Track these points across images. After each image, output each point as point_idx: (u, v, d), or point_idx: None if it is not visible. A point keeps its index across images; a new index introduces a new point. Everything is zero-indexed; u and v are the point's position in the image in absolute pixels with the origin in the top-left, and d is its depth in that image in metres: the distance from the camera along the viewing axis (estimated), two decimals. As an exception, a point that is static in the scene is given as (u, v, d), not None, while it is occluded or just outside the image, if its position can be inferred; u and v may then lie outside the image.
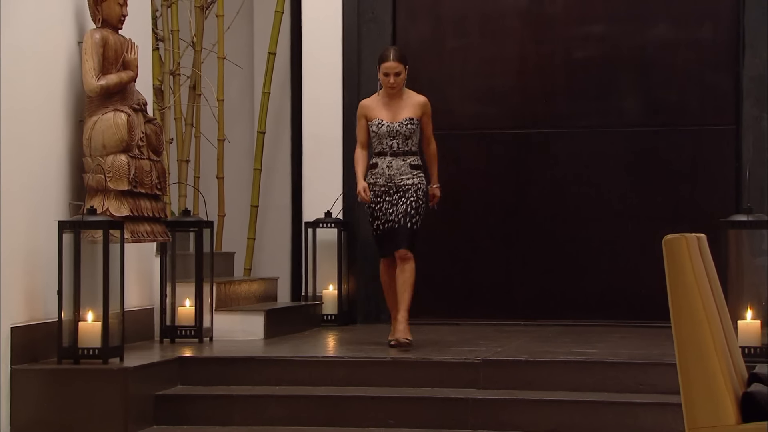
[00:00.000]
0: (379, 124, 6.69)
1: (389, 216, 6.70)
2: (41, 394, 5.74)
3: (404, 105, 6.74)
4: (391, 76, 6.69)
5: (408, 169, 6.71)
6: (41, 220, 6.00)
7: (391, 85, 6.68)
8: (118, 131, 6.25)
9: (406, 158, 6.72)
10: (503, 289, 8.66)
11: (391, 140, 6.68)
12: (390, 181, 6.70)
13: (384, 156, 6.73)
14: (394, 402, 5.97)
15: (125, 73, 6.40)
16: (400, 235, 6.66)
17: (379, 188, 6.72)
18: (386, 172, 6.71)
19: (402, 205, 6.67)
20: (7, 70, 5.73)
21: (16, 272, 5.81)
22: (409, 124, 6.68)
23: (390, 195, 6.69)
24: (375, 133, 6.73)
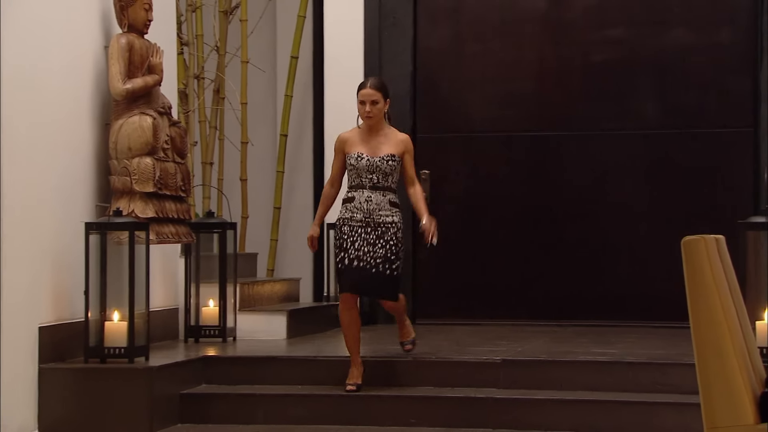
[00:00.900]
0: (359, 157, 6.02)
1: (362, 255, 5.95)
2: (68, 392, 5.77)
3: (385, 141, 6.08)
4: (367, 104, 6.02)
5: (387, 205, 6.03)
6: (68, 221, 6.04)
7: (367, 113, 6.01)
8: (143, 134, 6.28)
9: (386, 194, 6.04)
10: (523, 289, 8.65)
11: (371, 174, 6.01)
12: (368, 216, 5.99)
13: (362, 189, 6.03)
14: (415, 401, 5.97)
15: (150, 77, 6.43)
16: (380, 286, 6.01)
17: (355, 222, 6.00)
18: (364, 206, 6.00)
19: (380, 248, 5.97)
20: (35, 75, 5.76)
21: (44, 273, 5.85)
22: (390, 161, 6.02)
23: (367, 232, 5.98)
24: (353, 166, 6.04)
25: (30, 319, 5.70)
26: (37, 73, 5.78)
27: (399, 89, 8.79)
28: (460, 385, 6.11)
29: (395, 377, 6.23)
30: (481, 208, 8.74)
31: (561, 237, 8.63)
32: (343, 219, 6.02)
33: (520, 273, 8.66)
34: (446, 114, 8.82)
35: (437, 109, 8.83)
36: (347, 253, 5.95)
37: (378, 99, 6.04)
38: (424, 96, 8.83)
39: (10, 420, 5.52)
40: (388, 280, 5.96)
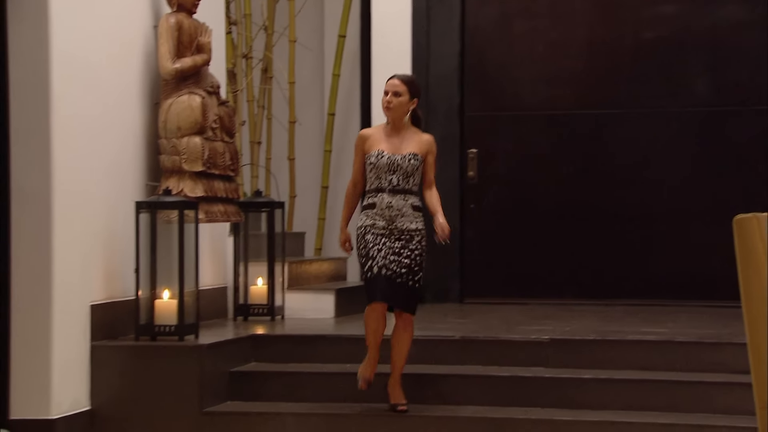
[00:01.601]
0: (379, 155, 5.63)
1: (389, 264, 5.59)
2: (119, 370, 5.84)
3: (408, 140, 5.71)
4: (389, 94, 5.67)
5: (410, 210, 5.64)
6: (119, 201, 6.10)
7: (387, 103, 5.67)
8: (192, 113, 6.32)
9: (407, 198, 5.65)
10: (571, 269, 8.63)
11: (391, 175, 5.62)
12: (391, 223, 5.62)
13: (382, 193, 5.64)
14: (463, 380, 5.98)
15: (199, 56, 6.46)
16: (404, 297, 5.64)
17: (378, 230, 5.62)
18: (386, 213, 5.61)
19: (406, 257, 5.61)
20: (86, 55, 5.81)
21: (95, 251, 5.91)
22: (413, 160, 5.64)
23: (391, 240, 5.61)
24: (373, 165, 5.65)
25: (82, 298, 5.77)
26: (87, 54, 5.83)
27: (447, 68, 8.78)
28: (508, 364, 6.11)
29: (442, 356, 6.24)
30: (529, 187, 8.71)
31: (610, 216, 8.59)
32: (365, 227, 5.65)
33: (569, 252, 8.63)
34: (494, 93, 8.79)
35: (485, 87, 8.80)
36: (374, 261, 5.59)
37: (401, 92, 5.68)
38: (472, 74, 8.80)
39: (63, 397, 5.60)
40: (410, 292, 5.63)
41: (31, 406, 5.49)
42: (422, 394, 5.94)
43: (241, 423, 5.81)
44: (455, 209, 8.72)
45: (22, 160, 5.53)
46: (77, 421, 5.68)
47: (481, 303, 8.52)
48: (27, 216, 5.53)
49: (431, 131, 8.79)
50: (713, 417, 5.55)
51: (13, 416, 5.48)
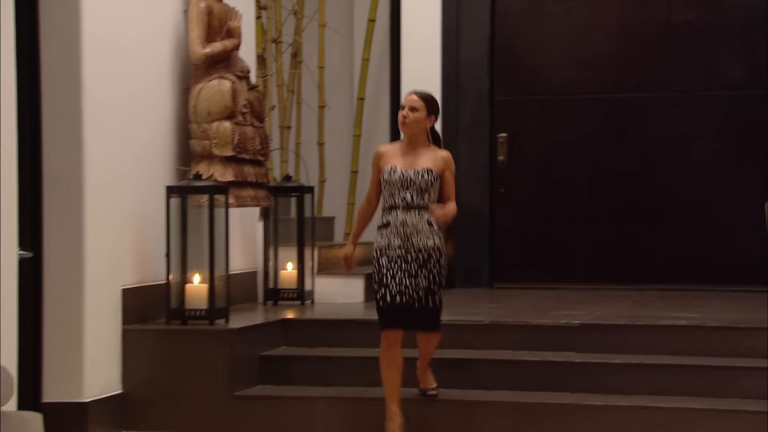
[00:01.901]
0: (392, 170, 5.47)
1: (404, 289, 5.41)
2: (150, 353, 5.89)
3: (424, 156, 5.53)
4: (405, 109, 5.51)
5: (426, 226, 5.45)
6: (150, 185, 6.13)
7: (402, 119, 5.51)
8: (222, 98, 6.34)
9: (422, 213, 5.46)
10: (602, 253, 8.60)
11: (404, 191, 5.45)
12: (407, 240, 5.43)
13: (396, 211, 5.47)
14: (493, 364, 5.98)
15: (229, 41, 6.48)
16: (425, 318, 5.48)
17: (393, 251, 5.43)
18: (401, 230, 5.43)
19: (423, 279, 5.43)
20: (117, 40, 5.84)
21: (126, 236, 5.95)
22: (426, 175, 5.45)
23: (407, 261, 5.43)
24: (386, 182, 5.49)
25: (113, 282, 5.82)
26: (118, 39, 5.86)
27: (477, 52, 8.75)
28: (538, 349, 6.11)
29: (472, 340, 6.25)
30: (559, 172, 8.68)
31: (641, 200, 8.55)
32: (380, 249, 5.46)
33: (599, 237, 8.61)
34: (524, 76, 8.77)
35: (515, 71, 8.78)
36: (388, 289, 5.40)
37: (418, 107, 5.51)
38: (501, 58, 8.77)
39: (95, 380, 5.65)
40: (431, 312, 5.47)
41: (63, 390, 5.55)
42: (452, 378, 5.94)
43: (271, 407, 5.84)
44: (485, 194, 8.72)
45: (54, 146, 5.57)
46: (109, 405, 5.73)
47: (511, 288, 8.51)
48: (58, 201, 5.57)
49: (461, 116, 8.86)
50: (744, 402, 5.53)
51: (45, 399, 5.54)
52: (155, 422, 5.83)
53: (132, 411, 5.84)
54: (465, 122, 8.77)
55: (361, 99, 8.86)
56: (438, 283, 5.49)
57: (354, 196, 8.88)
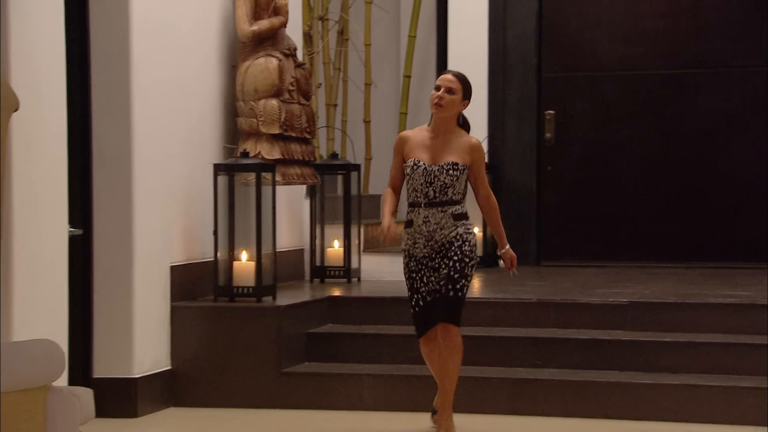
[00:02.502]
0: (415, 165, 5.12)
1: (431, 286, 5.13)
2: (198, 330, 5.94)
3: (451, 146, 5.15)
4: (442, 89, 5.10)
5: (450, 221, 5.11)
6: (198, 163, 6.17)
7: (437, 99, 5.09)
8: (269, 76, 6.36)
9: (446, 208, 5.12)
10: (651, 231, 8.55)
11: (427, 187, 5.11)
12: (431, 239, 5.12)
13: (417, 208, 5.15)
14: (540, 343, 5.98)
15: (276, 18, 6.49)
16: (442, 306, 5.10)
17: (419, 252, 5.14)
18: (424, 229, 5.12)
19: (444, 268, 5.10)
20: (165, 19, 5.87)
21: (175, 214, 6.00)
22: (452, 170, 5.08)
23: (432, 259, 5.13)
24: (409, 176, 5.16)
25: (162, 259, 5.87)
26: (166, 18, 5.89)
27: (524, 29, 8.71)
28: (586, 327, 6.09)
29: (520, 319, 6.24)
30: (608, 149, 8.63)
31: (691, 177, 8.49)
32: (407, 251, 5.19)
33: (648, 214, 8.56)
34: (572, 53, 8.71)
35: (563, 47, 8.72)
36: (420, 293, 5.15)
37: (455, 88, 5.10)
38: (549, 34, 8.72)
39: (144, 356, 5.72)
40: (450, 302, 5.07)
41: (113, 366, 5.61)
42: (498, 356, 5.95)
43: (318, 384, 5.88)
44: (532, 171, 8.68)
45: (103, 124, 5.62)
46: (158, 381, 5.80)
47: (558, 266, 8.49)
48: (108, 179, 5.62)
49: (508, 93, 8.82)
50: (796, 381, 5.49)
51: (96, 375, 5.61)
52: (203, 398, 5.89)
53: (180, 387, 5.90)
54: (512, 100, 8.73)
55: (407, 77, 8.85)
56: (459, 271, 5.07)
57: (400, 174, 8.88)
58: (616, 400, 5.58)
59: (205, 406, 5.87)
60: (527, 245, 8.70)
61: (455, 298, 5.08)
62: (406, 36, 8.80)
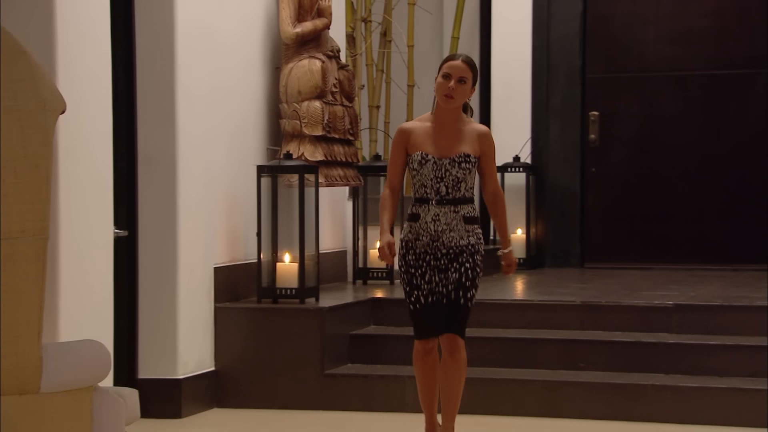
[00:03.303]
0: (423, 159, 4.67)
1: (434, 287, 4.69)
2: (242, 331, 5.97)
3: (460, 136, 4.70)
4: (452, 79, 4.65)
5: (461, 224, 4.68)
6: (241, 165, 6.21)
7: (449, 91, 4.64)
8: (312, 78, 6.38)
9: (458, 209, 4.68)
10: (696, 233, 8.49)
11: (438, 183, 4.66)
12: (437, 239, 4.67)
13: (427, 204, 4.69)
14: (585, 345, 5.95)
15: (320, 20, 6.51)
16: (450, 314, 4.67)
17: (421, 248, 4.70)
18: (431, 227, 4.68)
19: (454, 272, 4.66)
20: (210, 22, 5.91)
21: (218, 215, 6.04)
22: (464, 163, 4.65)
23: (437, 258, 4.68)
24: (416, 171, 4.71)
25: (206, 261, 5.91)
26: (210, 21, 5.93)
27: (568, 29, 8.68)
28: (632, 330, 6.06)
29: (564, 321, 6.22)
30: (654, 150, 8.58)
31: (738, 179, 8.42)
32: (407, 242, 4.74)
33: (694, 216, 8.49)
34: (617, 53, 8.67)
35: (607, 48, 8.68)
36: (420, 291, 4.70)
37: (467, 77, 4.67)
38: (594, 35, 8.69)
39: (189, 356, 5.75)
40: (459, 311, 4.66)
41: (158, 366, 5.65)
42: (543, 358, 5.93)
43: (361, 385, 5.89)
44: (576, 173, 8.65)
45: (148, 127, 5.66)
46: (202, 381, 5.83)
47: (603, 268, 8.44)
48: (153, 181, 5.67)
49: (552, 94, 8.80)
50: None
51: (141, 376, 5.65)
52: (246, 399, 5.92)
53: (224, 388, 5.93)
54: (556, 101, 8.70)
55: (450, 78, 8.83)
56: (471, 279, 4.68)
57: (443, 176, 8.88)
58: (661, 403, 5.55)
59: (248, 407, 5.90)
60: (571, 247, 8.67)
61: (465, 308, 4.68)
62: (449, 37, 8.79)
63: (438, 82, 4.72)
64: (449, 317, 4.67)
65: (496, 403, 5.70)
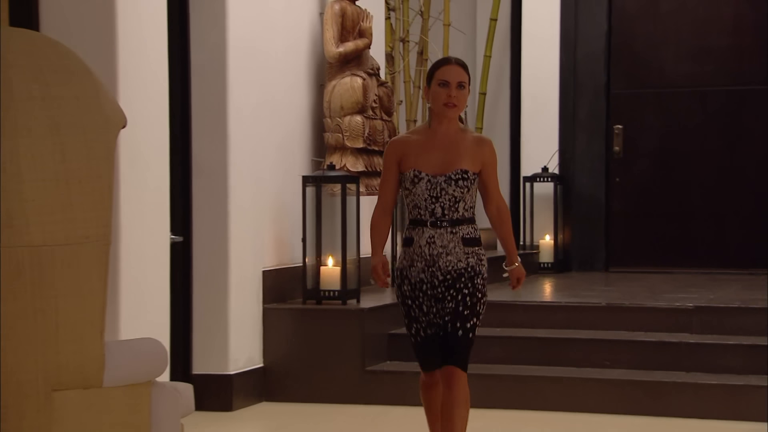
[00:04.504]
0: (416, 177, 3.99)
1: (432, 318, 4.05)
2: (288, 330, 5.98)
3: (457, 150, 4.01)
4: (452, 86, 3.99)
5: (459, 246, 4.00)
6: (288, 175, 6.23)
7: (450, 100, 3.98)
8: (354, 94, 6.39)
9: (456, 230, 4.00)
10: (716, 239, 8.42)
11: (433, 203, 3.98)
12: (432, 264, 4.01)
13: (422, 227, 4.02)
14: (610, 344, 5.91)
15: (361, 40, 6.53)
16: (447, 346, 4.03)
17: (416, 275, 4.03)
18: (426, 251, 4.01)
19: (450, 301, 4.00)
20: (258, 42, 5.94)
21: (266, 222, 6.06)
22: (462, 180, 3.97)
23: (433, 287, 4.03)
24: (408, 191, 4.03)
25: (255, 264, 5.93)
26: (260, 41, 5.95)
27: (594, 48, 8.64)
28: (654, 330, 6.01)
29: (590, 322, 6.18)
30: (675, 161, 8.52)
31: (755, 189, 8.34)
32: (401, 270, 4.09)
33: (713, 223, 8.42)
34: (640, 70, 8.62)
35: (631, 65, 8.64)
36: (419, 323, 4.08)
37: (465, 81, 4.03)
38: (618, 53, 8.65)
39: (239, 354, 5.77)
40: (458, 342, 4.00)
41: (210, 363, 5.68)
42: (570, 356, 5.90)
43: (400, 381, 5.88)
44: (601, 182, 8.61)
45: (202, 139, 5.70)
46: (251, 377, 5.85)
47: (626, 272, 8.39)
48: (206, 190, 5.70)
49: (578, 109, 8.76)
50: None
51: (195, 371, 5.68)
52: (292, 394, 5.93)
53: (271, 383, 5.94)
54: (582, 115, 8.67)
55: (482, 93, 8.83)
56: (470, 306, 4.01)
57: (476, 185, 8.87)
58: (682, 399, 5.50)
59: (294, 401, 5.91)
60: (596, 252, 8.63)
61: (464, 339, 3.99)
62: (482, 56, 8.78)
63: (434, 91, 4.02)
64: (447, 349, 4.03)
65: (526, 399, 5.68)
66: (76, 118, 3.21)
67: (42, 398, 3.15)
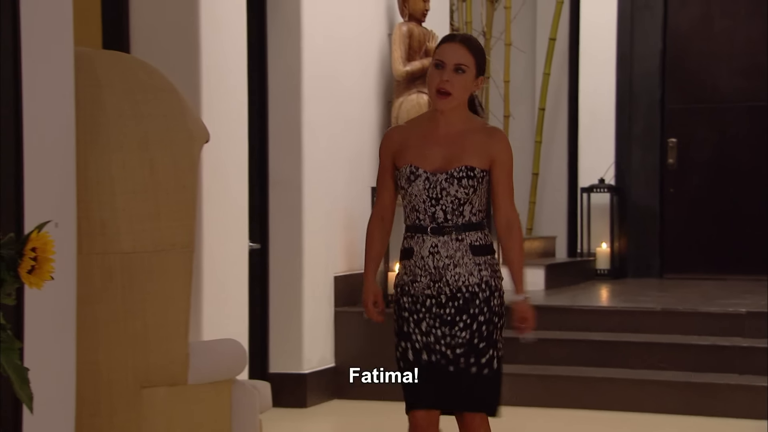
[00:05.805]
0: (412, 174, 3.15)
1: (433, 342, 3.17)
2: (357, 332, 5.99)
3: (463, 143, 3.15)
4: (447, 68, 3.11)
5: (467, 255, 3.17)
6: (358, 186, 6.24)
7: (441, 86, 3.10)
8: (420, 110, 6.38)
9: (462, 237, 3.17)
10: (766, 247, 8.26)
11: (433, 206, 3.15)
12: (438, 279, 3.16)
13: (422, 235, 3.17)
14: (664, 348, 5.83)
15: (427, 59, 6.52)
16: (462, 388, 3.14)
17: (419, 290, 3.20)
18: (429, 263, 3.16)
19: (463, 329, 3.13)
20: (330, 61, 5.97)
21: (338, 230, 6.08)
22: (466, 179, 3.13)
23: (440, 304, 3.17)
24: (404, 190, 3.18)
25: (327, 270, 5.95)
26: (333, 62, 5.99)
27: (649, 66, 8.56)
28: (707, 334, 5.92)
29: (645, 326, 6.10)
30: (727, 173, 8.39)
31: (804, 199, 8.17)
32: (401, 286, 3.24)
33: (764, 231, 8.26)
34: (693, 86, 8.51)
35: (685, 81, 8.53)
36: (411, 342, 3.19)
37: (466, 64, 3.12)
38: (672, 70, 8.55)
39: (312, 354, 5.80)
40: (477, 382, 3.12)
41: (286, 362, 5.71)
42: (626, 359, 5.82)
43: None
44: (656, 193, 8.52)
45: (278, 154, 5.74)
46: (324, 376, 5.87)
47: (681, 278, 8.27)
48: (281, 200, 5.74)
49: (634, 123, 8.66)
50: None
51: (271, 370, 5.72)
52: (362, 392, 5.93)
53: (342, 382, 5.95)
54: (637, 129, 8.58)
55: (542, 109, 8.78)
56: (486, 337, 3.11)
57: (535, 196, 8.81)
58: (735, 400, 5.41)
59: (364, 399, 5.91)
60: (651, 259, 8.52)
61: (486, 379, 3.09)
62: (542, 73, 8.73)
63: (429, 74, 3.15)
64: (463, 391, 3.12)
65: (584, 399, 5.62)
66: (163, 133, 3.25)
67: (132, 395, 3.19)
